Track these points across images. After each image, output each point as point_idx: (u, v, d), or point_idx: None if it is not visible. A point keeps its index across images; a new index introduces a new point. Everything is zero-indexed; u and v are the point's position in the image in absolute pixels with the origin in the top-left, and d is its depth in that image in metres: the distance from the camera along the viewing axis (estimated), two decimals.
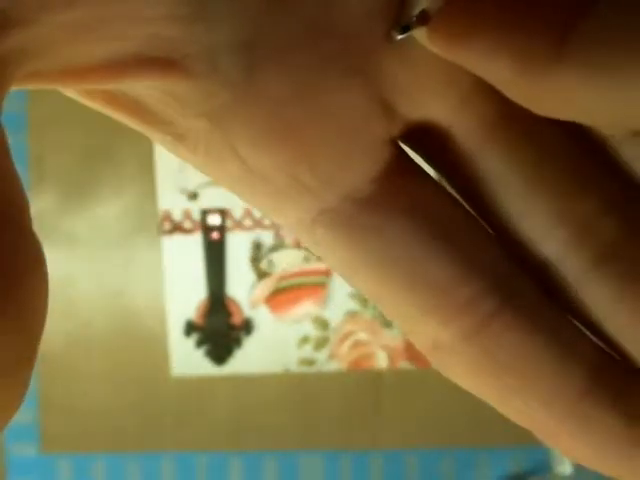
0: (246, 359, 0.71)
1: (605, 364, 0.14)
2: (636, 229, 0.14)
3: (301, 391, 0.71)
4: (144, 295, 0.72)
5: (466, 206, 0.14)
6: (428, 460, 0.70)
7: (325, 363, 0.71)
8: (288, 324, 0.71)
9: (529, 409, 0.14)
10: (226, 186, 0.14)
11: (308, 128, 0.13)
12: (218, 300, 0.71)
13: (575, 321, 0.14)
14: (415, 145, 0.14)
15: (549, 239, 0.14)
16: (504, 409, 0.14)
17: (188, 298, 0.72)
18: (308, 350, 0.71)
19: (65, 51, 0.11)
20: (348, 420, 0.71)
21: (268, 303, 0.71)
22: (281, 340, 0.71)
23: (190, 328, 0.72)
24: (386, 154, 0.14)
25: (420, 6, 0.12)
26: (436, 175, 0.15)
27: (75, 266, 0.73)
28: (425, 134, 0.14)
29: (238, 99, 0.13)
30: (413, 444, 0.70)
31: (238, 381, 0.71)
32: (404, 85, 0.14)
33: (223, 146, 0.13)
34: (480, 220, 0.14)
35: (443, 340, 0.14)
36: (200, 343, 0.72)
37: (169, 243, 0.71)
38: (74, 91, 0.13)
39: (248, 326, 0.71)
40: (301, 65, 0.13)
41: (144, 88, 0.13)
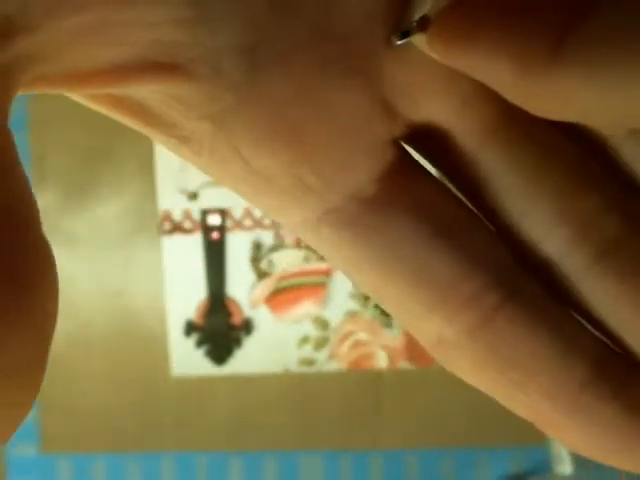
0: (246, 359, 0.71)
1: (607, 357, 0.14)
2: (637, 226, 0.14)
3: (301, 391, 0.71)
4: (144, 295, 0.72)
5: (469, 205, 0.15)
6: (428, 460, 0.70)
7: (325, 363, 0.71)
8: (288, 324, 0.71)
9: (532, 402, 0.14)
10: (230, 187, 0.15)
11: (310, 129, 0.14)
12: (218, 300, 0.71)
13: (577, 316, 0.14)
14: (418, 146, 0.15)
15: (551, 237, 0.14)
16: (508, 403, 0.14)
17: (188, 298, 0.72)
18: (308, 350, 0.71)
19: (70, 56, 0.12)
20: (348, 420, 0.71)
21: (268, 303, 0.71)
22: (281, 340, 0.71)
23: (190, 328, 0.72)
24: (388, 154, 0.14)
25: (421, 12, 0.13)
26: (439, 175, 0.15)
27: (75, 266, 0.73)
28: (427, 135, 0.14)
29: (241, 101, 0.13)
30: (413, 444, 0.70)
31: (238, 381, 0.71)
32: (405, 86, 0.14)
33: (227, 148, 0.14)
34: (483, 219, 0.14)
35: (448, 335, 0.14)
36: (200, 343, 0.72)
37: (169, 243, 0.71)
38: (80, 95, 0.13)
39: (248, 326, 0.71)
40: (303, 66, 0.13)
41: (148, 91, 0.13)
